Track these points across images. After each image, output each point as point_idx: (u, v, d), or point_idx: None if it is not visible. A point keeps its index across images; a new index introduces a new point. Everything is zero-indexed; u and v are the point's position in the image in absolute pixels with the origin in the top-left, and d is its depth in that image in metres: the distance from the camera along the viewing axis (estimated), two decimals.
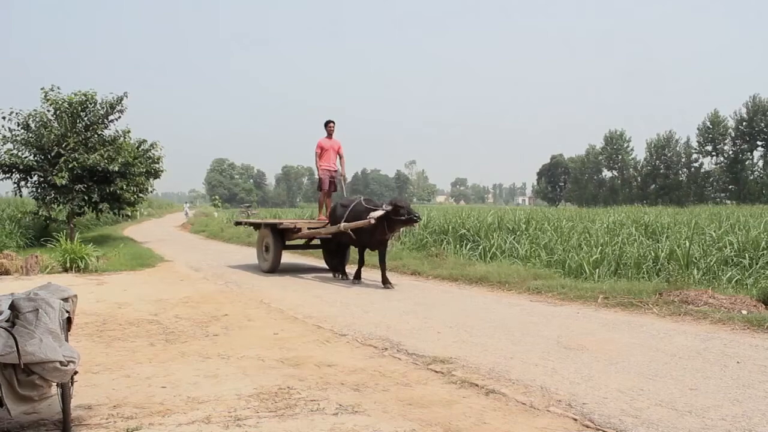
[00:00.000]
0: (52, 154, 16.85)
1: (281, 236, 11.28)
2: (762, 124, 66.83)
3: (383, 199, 15.04)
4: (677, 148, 76.10)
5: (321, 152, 11.81)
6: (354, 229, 9.40)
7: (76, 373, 3.17)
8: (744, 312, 6.51)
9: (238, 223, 15.89)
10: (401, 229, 11.08)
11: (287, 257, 13.43)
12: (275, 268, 11.31)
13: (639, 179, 79.60)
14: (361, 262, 10.07)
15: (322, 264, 12.62)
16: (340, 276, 10.56)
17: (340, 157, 12.04)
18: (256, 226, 13.32)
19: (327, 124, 11.92)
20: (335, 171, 12.00)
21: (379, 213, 8.99)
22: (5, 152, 16.78)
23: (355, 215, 9.55)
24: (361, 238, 9.61)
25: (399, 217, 8.94)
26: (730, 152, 70.30)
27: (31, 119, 17.07)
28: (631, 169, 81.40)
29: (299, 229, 10.91)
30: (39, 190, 17.53)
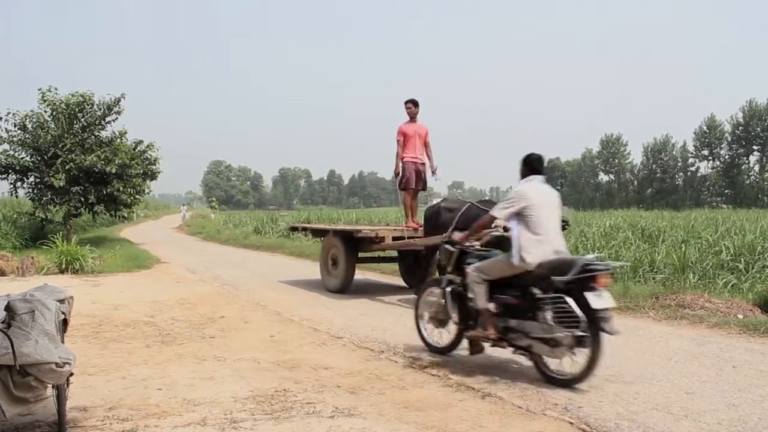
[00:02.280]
0: (49, 155, 16.83)
1: (354, 247, 9.01)
2: (758, 129, 67.09)
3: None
4: (674, 152, 76.31)
5: (404, 140, 9.08)
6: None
7: (71, 374, 3.15)
8: (740, 316, 6.52)
9: (293, 229, 12.53)
10: None
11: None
12: (346, 287, 8.97)
13: (635, 183, 79.77)
14: None
15: (396, 280, 10.42)
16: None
17: (426, 146, 9.28)
18: (317, 233, 10.53)
19: (406, 104, 9.24)
20: (422, 164, 9.26)
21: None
22: (1, 153, 16.74)
23: (469, 221, 6.70)
24: None
25: None
26: (727, 156, 70.56)
27: (28, 120, 17.04)
28: (627, 173, 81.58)
29: (381, 239, 8.53)
30: (35, 191, 17.50)
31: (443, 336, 5.28)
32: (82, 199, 17.24)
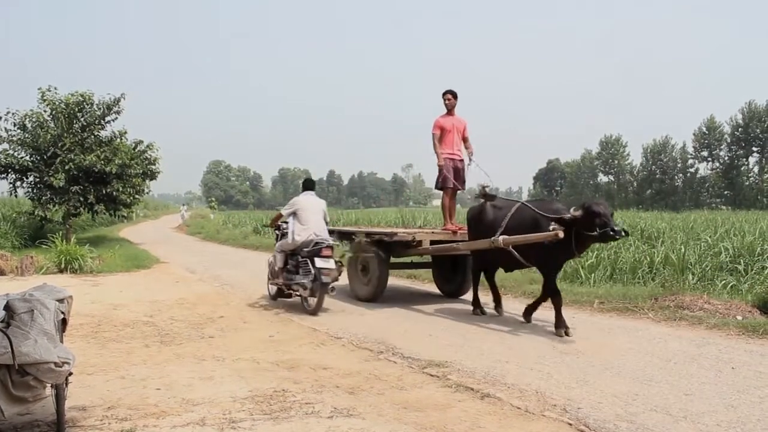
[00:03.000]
0: (48, 154, 16.83)
1: (387, 251, 8.17)
2: (758, 130, 67.09)
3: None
4: (673, 154, 76.32)
5: (441, 134, 8.20)
6: (521, 245, 6.36)
7: (70, 374, 3.15)
8: (739, 317, 6.52)
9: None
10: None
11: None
12: (379, 295, 8.15)
13: (635, 184, 79.78)
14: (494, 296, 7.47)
15: (428, 287, 9.71)
16: (479, 311, 7.30)
17: (465, 141, 8.39)
18: (345, 237, 9.36)
19: (443, 96, 8.35)
20: (461, 160, 8.35)
21: (553, 223, 5.99)
22: (1, 152, 16.73)
23: (521, 223, 6.44)
24: (536, 258, 6.44)
25: (592, 231, 5.78)
26: (726, 158, 70.55)
27: (28, 119, 17.04)
28: (627, 174, 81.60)
29: (418, 243, 7.66)
30: (35, 191, 17.49)
31: (272, 289, 8.45)
32: (82, 198, 17.24)
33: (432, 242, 7.78)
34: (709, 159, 72.50)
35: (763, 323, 6.12)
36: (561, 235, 5.89)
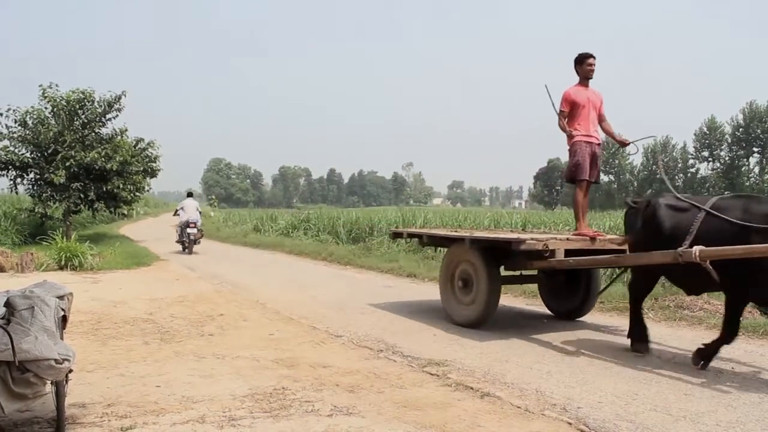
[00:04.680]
0: (49, 151, 16.81)
1: (496, 262, 6.48)
2: (758, 131, 67.13)
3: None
4: (674, 153, 76.32)
5: (572, 111, 6.46)
6: (718, 261, 4.52)
7: (70, 371, 3.15)
8: None
9: (397, 235, 8.92)
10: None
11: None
12: (486, 319, 6.37)
13: (635, 184, 79.76)
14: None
15: (530, 302, 8.12)
16: (642, 347, 5.38)
17: (602, 120, 6.74)
18: (436, 242, 7.79)
19: (583, 60, 6.53)
20: (598, 144, 6.72)
21: None
22: (1, 149, 16.72)
23: (719, 230, 4.63)
24: (736, 280, 4.59)
25: None
26: (727, 158, 70.59)
27: (29, 116, 17.01)
28: (627, 174, 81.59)
29: (550, 253, 5.83)
30: (35, 188, 17.48)
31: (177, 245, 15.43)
32: (82, 195, 17.23)
33: (567, 252, 5.95)
34: (710, 159, 72.54)
35: (764, 323, 6.12)
36: None
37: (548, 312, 7.30)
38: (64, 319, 3.40)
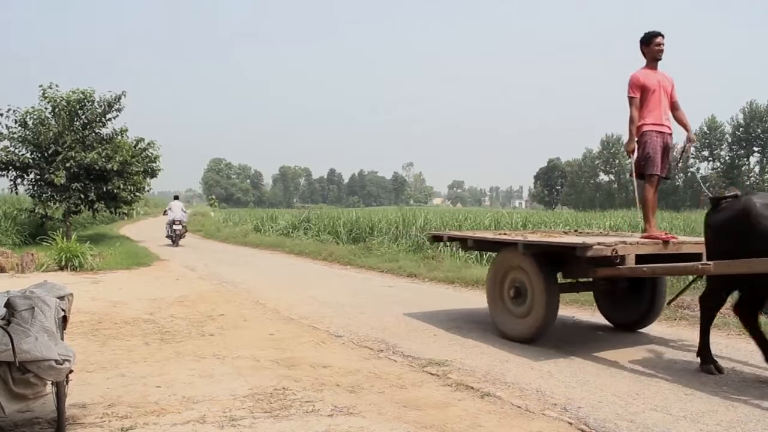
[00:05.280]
0: (49, 152, 16.83)
1: (553, 269, 5.77)
2: (759, 130, 67.10)
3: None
4: (674, 153, 76.16)
5: (642, 96, 5.81)
6: None
7: (71, 371, 3.15)
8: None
9: (437, 239, 7.78)
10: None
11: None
12: (543, 333, 5.62)
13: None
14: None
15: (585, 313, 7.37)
16: (713, 367, 4.68)
17: (674, 108, 6.02)
18: (484, 246, 7.36)
19: (651, 40, 5.86)
20: (670, 134, 5.99)
21: None
22: (2, 149, 16.73)
23: None
24: None
25: None
26: (727, 158, 70.58)
27: (29, 117, 17.02)
28: (628, 173, 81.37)
29: (620, 260, 5.19)
30: (35, 188, 17.51)
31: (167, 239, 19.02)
32: (82, 196, 17.25)
33: (638, 258, 5.28)
34: (710, 159, 72.50)
35: (763, 323, 6.10)
36: None
37: (606, 322, 6.58)
38: (65, 319, 3.40)
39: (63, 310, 3.33)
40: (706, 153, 72.39)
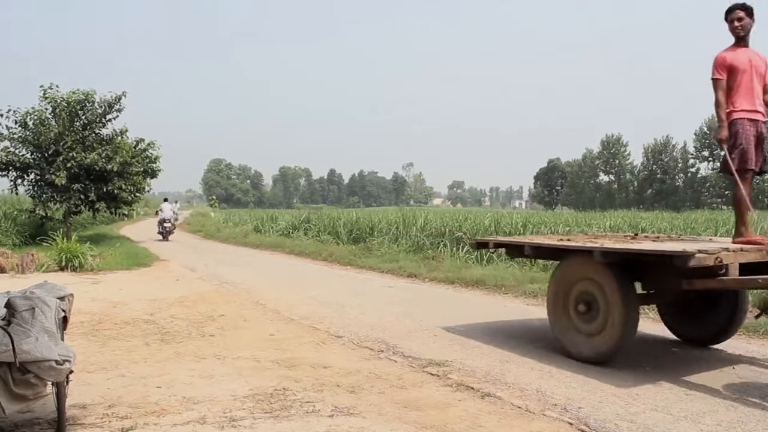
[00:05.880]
0: (50, 152, 16.84)
1: (632, 279, 5.13)
2: None
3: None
4: (674, 153, 76.30)
5: (729, 79, 5.05)
6: None
7: (71, 372, 3.15)
8: None
9: (482, 246, 7.11)
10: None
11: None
12: (617, 350, 4.86)
13: (636, 184, 79.74)
14: None
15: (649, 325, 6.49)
16: None
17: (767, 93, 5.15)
18: (543, 254, 6.17)
19: (726, 15, 5.11)
20: (765, 122, 5.17)
21: None
22: (2, 150, 16.75)
23: None
24: None
25: None
26: None
27: (29, 117, 17.04)
28: (627, 174, 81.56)
29: (723, 269, 4.55)
30: (36, 189, 17.53)
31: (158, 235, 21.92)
32: (83, 196, 17.27)
33: (742, 267, 4.59)
34: (710, 159, 72.49)
35: (764, 323, 6.11)
36: None
37: (673, 337, 5.87)
38: (65, 320, 3.40)
39: (63, 310, 3.33)
40: (706, 153, 72.43)
